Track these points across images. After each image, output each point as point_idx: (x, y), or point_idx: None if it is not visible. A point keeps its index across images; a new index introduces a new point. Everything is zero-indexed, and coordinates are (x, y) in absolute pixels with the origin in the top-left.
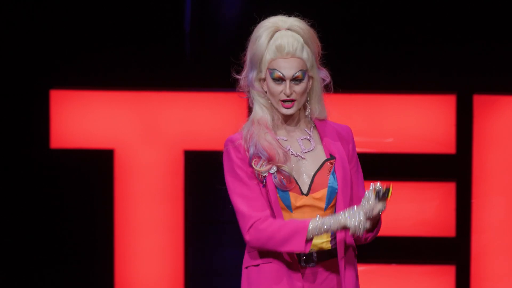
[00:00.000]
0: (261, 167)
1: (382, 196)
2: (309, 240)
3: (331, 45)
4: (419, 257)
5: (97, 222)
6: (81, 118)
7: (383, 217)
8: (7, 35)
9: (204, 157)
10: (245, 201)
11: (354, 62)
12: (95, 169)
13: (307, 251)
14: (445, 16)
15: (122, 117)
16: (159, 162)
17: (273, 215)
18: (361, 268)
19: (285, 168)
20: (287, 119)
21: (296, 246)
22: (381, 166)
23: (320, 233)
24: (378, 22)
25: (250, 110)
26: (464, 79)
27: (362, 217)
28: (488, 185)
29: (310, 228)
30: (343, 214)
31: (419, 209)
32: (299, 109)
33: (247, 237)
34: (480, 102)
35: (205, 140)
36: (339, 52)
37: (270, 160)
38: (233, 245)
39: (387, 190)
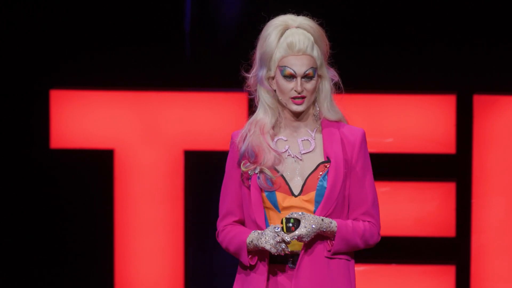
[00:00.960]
0: (247, 168)
1: (287, 228)
2: (253, 253)
3: (330, 45)
4: (419, 257)
5: (97, 222)
6: (81, 118)
7: (385, 217)
8: (7, 35)
9: (204, 157)
10: (221, 204)
11: (354, 62)
12: (95, 169)
13: (253, 263)
14: (445, 16)
15: (122, 117)
16: (159, 162)
17: (239, 219)
18: (361, 268)
19: (266, 170)
20: (293, 119)
21: (244, 261)
22: (381, 166)
23: (257, 247)
24: (378, 22)
25: (251, 110)
26: (464, 79)
27: (273, 241)
28: (488, 185)
29: (248, 244)
30: (262, 238)
31: (419, 209)
32: (306, 109)
33: (218, 239)
34: (480, 102)
35: (205, 140)
36: (338, 52)
37: (256, 161)
38: None
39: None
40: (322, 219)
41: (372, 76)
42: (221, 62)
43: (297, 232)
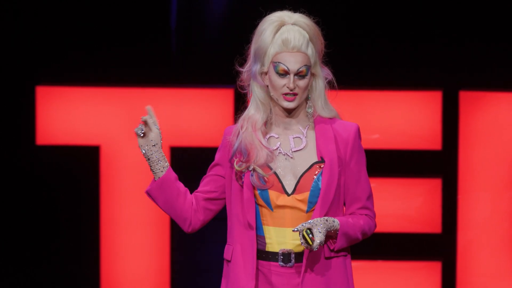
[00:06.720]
0: (240, 167)
1: (306, 240)
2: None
3: (326, 44)
4: (405, 254)
5: (82, 219)
6: (67, 115)
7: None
8: None
9: (190, 154)
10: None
11: (339, 58)
12: (81, 166)
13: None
14: (431, 14)
15: (108, 113)
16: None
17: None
18: None
19: (258, 169)
20: (285, 115)
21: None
22: (368, 163)
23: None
24: (364, 19)
25: (237, 106)
26: (450, 76)
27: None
28: (474, 181)
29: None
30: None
31: (405, 205)
32: (298, 106)
33: None
34: (466, 98)
35: (191, 136)
36: (326, 48)
37: (248, 160)
38: (218, 240)
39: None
40: (326, 220)
41: (359, 73)
42: (207, 58)
43: (318, 241)
